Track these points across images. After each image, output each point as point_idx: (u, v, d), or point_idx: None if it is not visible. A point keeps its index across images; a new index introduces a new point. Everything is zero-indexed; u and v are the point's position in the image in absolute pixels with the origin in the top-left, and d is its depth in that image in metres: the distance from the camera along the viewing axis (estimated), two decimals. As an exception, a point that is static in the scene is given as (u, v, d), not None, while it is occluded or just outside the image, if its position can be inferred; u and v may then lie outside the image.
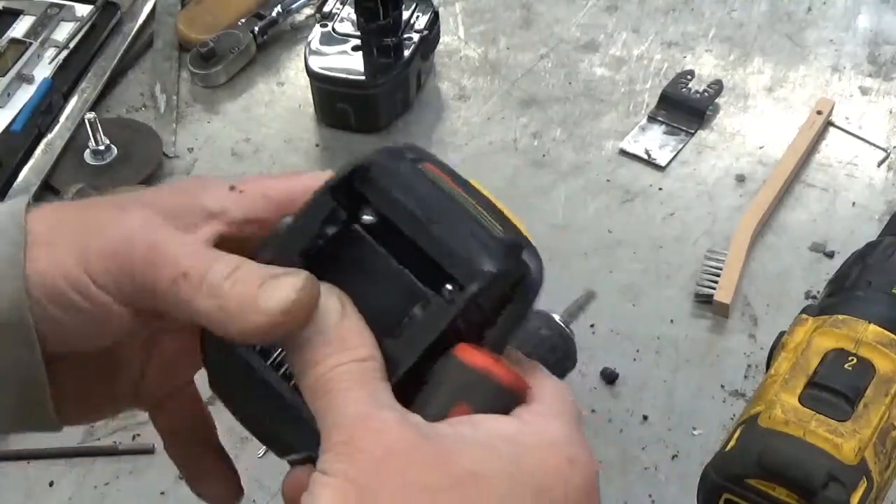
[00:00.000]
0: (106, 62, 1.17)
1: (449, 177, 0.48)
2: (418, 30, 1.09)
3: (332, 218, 0.45)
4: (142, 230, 0.44)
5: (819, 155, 1.06)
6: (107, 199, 0.47)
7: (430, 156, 0.49)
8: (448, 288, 0.44)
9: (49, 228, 0.45)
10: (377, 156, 0.47)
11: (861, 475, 0.61)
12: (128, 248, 0.44)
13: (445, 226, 0.46)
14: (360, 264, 0.46)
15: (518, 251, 0.47)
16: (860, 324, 0.67)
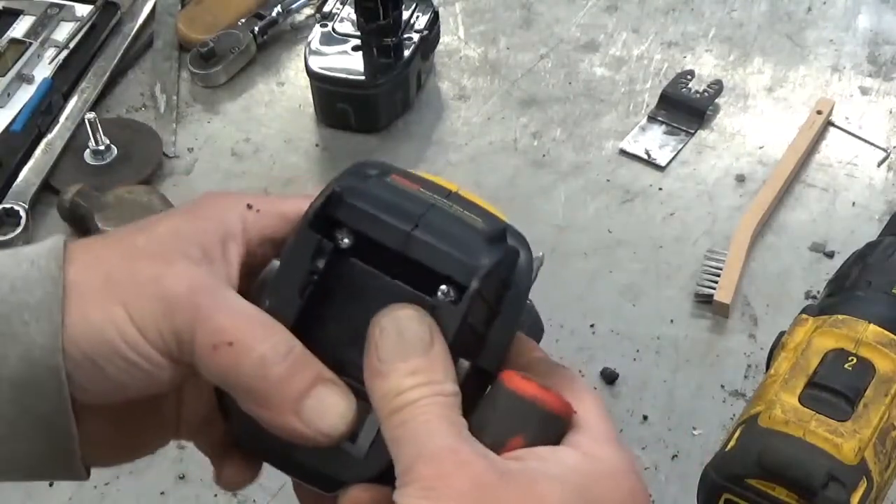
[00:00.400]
0: (106, 62, 1.17)
1: (417, 184, 0.48)
2: (418, 30, 1.09)
3: (319, 251, 0.46)
4: (188, 291, 0.44)
5: (819, 155, 1.06)
6: (145, 241, 0.46)
7: (395, 168, 0.49)
8: (443, 289, 0.45)
9: (91, 278, 0.45)
10: (345, 179, 0.48)
11: (861, 475, 0.61)
12: (175, 309, 0.44)
13: (427, 230, 0.46)
14: (356, 288, 0.46)
15: (503, 237, 0.48)
16: (860, 324, 0.66)
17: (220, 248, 0.46)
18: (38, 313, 0.44)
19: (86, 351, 0.44)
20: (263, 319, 0.44)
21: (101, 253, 0.46)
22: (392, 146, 1.09)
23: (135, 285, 0.44)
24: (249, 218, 0.48)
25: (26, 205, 1.02)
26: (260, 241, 0.48)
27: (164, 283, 0.44)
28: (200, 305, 0.44)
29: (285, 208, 0.49)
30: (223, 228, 0.47)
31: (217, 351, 0.43)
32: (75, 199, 1.00)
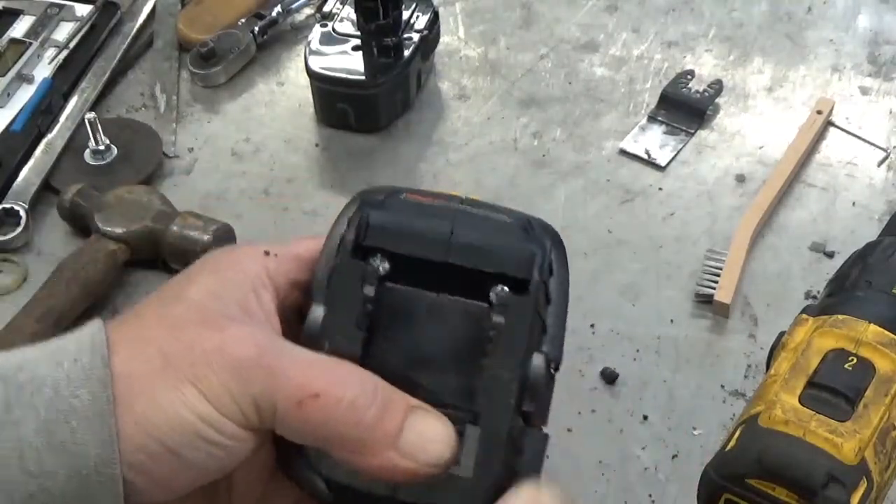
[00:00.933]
0: (106, 62, 1.17)
1: (429, 196, 0.48)
2: (418, 30, 1.09)
3: (366, 279, 0.45)
4: (257, 353, 0.42)
5: (819, 155, 1.06)
6: (185, 310, 0.44)
7: (401, 188, 0.49)
8: (498, 289, 0.44)
9: (146, 364, 0.42)
10: (364, 206, 0.47)
11: (861, 475, 0.60)
12: (248, 375, 0.42)
13: (464, 235, 0.45)
14: (404, 311, 0.45)
15: (532, 226, 0.48)
16: (860, 324, 0.66)
17: (255, 301, 0.45)
18: (88, 420, 0.41)
19: (163, 441, 0.41)
20: (339, 364, 0.43)
21: (146, 334, 0.44)
22: (392, 146, 1.09)
23: (197, 360, 0.42)
24: (271, 265, 0.47)
25: (26, 205, 1.02)
26: (286, 286, 0.47)
27: (230, 351, 0.42)
28: (273, 366, 0.42)
29: (298, 251, 0.48)
30: (251, 280, 0.46)
31: (303, 407, 0.41)
32: (75, 199, 1.00)
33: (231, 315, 0.44)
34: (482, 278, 0.44)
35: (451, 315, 0.45)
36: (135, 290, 0.97)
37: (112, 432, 0.41)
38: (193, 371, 0.42)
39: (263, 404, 0.42)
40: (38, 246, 1.02)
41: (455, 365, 0.45)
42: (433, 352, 0.45)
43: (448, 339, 0.45)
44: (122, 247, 0.96)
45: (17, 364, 0.42)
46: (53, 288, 0.92)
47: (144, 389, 0.42)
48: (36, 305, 0.91)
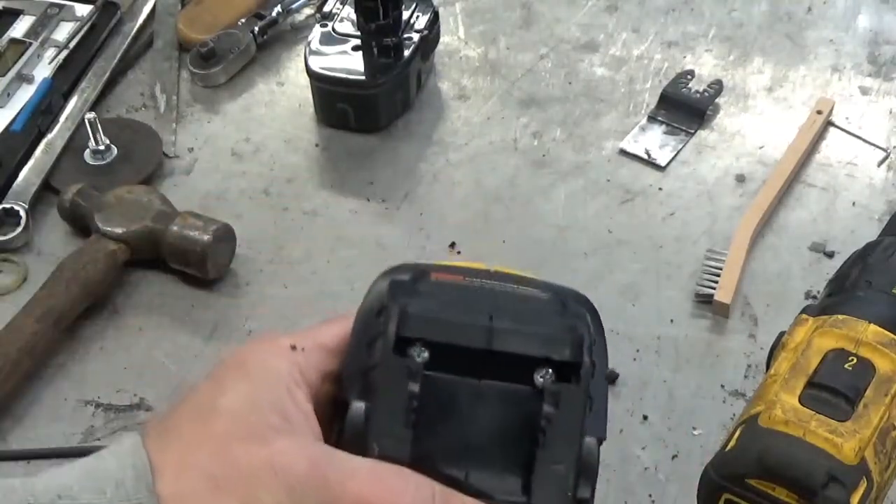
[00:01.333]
0: (106, 62, 1.17)
1: (458, 274, 0.47)
2: (418, 30, 1.09)
3: (413, 374, 0.44)
4: (309, 466, 0.41)
5: (819, 155, 1.06)
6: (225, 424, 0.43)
7: (426, 265, 0.48)
8: (543, 373, 0.43)
9: (193, 486, 0.41)
10: (396, 293, 0.45)
11: (861, 475, 0.60)
12: (303, 491, 0.41)
13: (504, 319, 0.44)
14: (449, 402, 0.44)
15: (569, 301, 0.47)
16: (860, 324, 0.66)
17: (292, 403, 0.44)
18: None
19: None
20: (393, 471, 0.42)
21: (186, 451, 0.42)
22: (392, 146, 1.09)
23: (247, 479, 0.41)
24: (300, 360, 0.46)
25: (26, 205, 1.02)
26: (318, 380, 0.46)
27: (280, 467, 0.41)
28: (327, 478, 0.41)
29: (324, 340, 0.47)
30: (284, 382, 0.44)
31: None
32: (75, 199, 1.00)
33: (272, 424, 0.43)
34: (526, 361, 0.44)
35: (495, 402, 0.44)
36: (135, 289, 0.97)
37: None
38: (244, 491, 0.41)
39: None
40: (38, 246, 1.02)
41: (504, 457, 0.44)
42: (481, 442, 0.44)
43: (495, 427, 0.44)
44: (122, 247, 0.96)
45: (56, 492, 0.41)
46: (53, 288, 0.92)
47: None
48: (36, 305, 0.91)
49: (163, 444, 0.43)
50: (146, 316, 0.95)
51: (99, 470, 0.42)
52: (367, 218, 1.02)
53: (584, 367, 0.44)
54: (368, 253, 0.99)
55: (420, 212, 1.03)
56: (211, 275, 0.96)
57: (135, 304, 0.96)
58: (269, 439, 0.42)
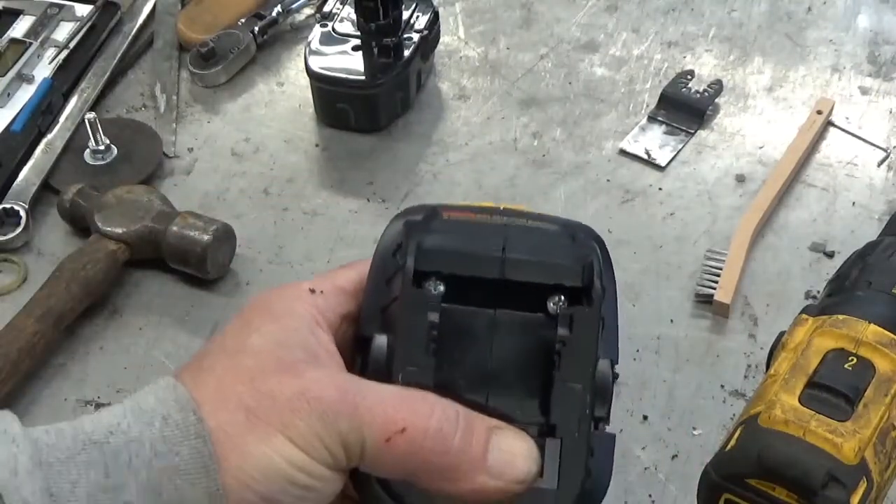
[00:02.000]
0: (106, 62, 1.17)
1: (468, 212, 0.49)
2: (418, 30, 1.09)
3: (430, 306, 0.45)
4: (340, 395, 0.43)
5: (819, 155, 1.06)
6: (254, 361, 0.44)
7: (437, 205, 0.50)
8: (556, 299, 0.45)
9: (230, 417, 0.42)
10: (410, 231, 0.47)
11: (861, 475, 0.60)
12: (335, 418, 0.42)
13: (516, 250, 0.46)
14: (466, 331, 0.46)
15: (577, 232, 0.48)
16: (860, 324, 0.66)
17: (316, 342, 0.46)
18: (193, 476, 0.41)
19: (259, 491, 0.42)
20: (419, 395, 0.43)
21: (225, 388, 0.44)
22: (392, 146, 1.09)
23: (281, 409, 0.42)
24: (319, 302, 0.48)
25: (26, 205, 1.02)
26: (337, 321, 0.48)
27: (313, 395, 0.43)
28: (357, 404, 0.42)
29: (342, 283, 0.49)
30: (306, 322, 0.46)
31: (392, 442, 0.42)
32: (75, 199, 1.00)
33: (301, 358, 0.44)
34: (538, 290, 0.45)
35: (511, 329, 0.45)
36: (135, 289, 0.98)
37: (219, 485, 0.41)
38: (280, 420, 0.42)
39: (352, 444, 0.42)
40: (38, 246, 1.02)
41: (523, 380, 0.45)
42: (499, 369, 0.45)
43: (513, 353, 0.45)
44: (122, 247, 0.96)
45: (106, 429, 0.42)
46: (53, 288, 0.92)
47: (235, 444, 0.42)
48: (36, 305, 0.91)
49: (197, 381, 0.44)
50: (146, 316, 0.95)
51: (142, 407, 0.43)
52: (367, 218, 1.02)
53: (595, 291, 0.46)
54: (368, 253, 0.98)
55: (420, 212, 1.03)
56: (211, 275, 0.96)
57: (135, 304, 0.96)
58: (299, 371, 0.44)
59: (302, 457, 0.42)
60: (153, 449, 0.41)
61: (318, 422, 0.42)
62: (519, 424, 0.44)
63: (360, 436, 0.42)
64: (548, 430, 0.45)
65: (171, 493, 0.41)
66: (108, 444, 0.42)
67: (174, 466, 0.41)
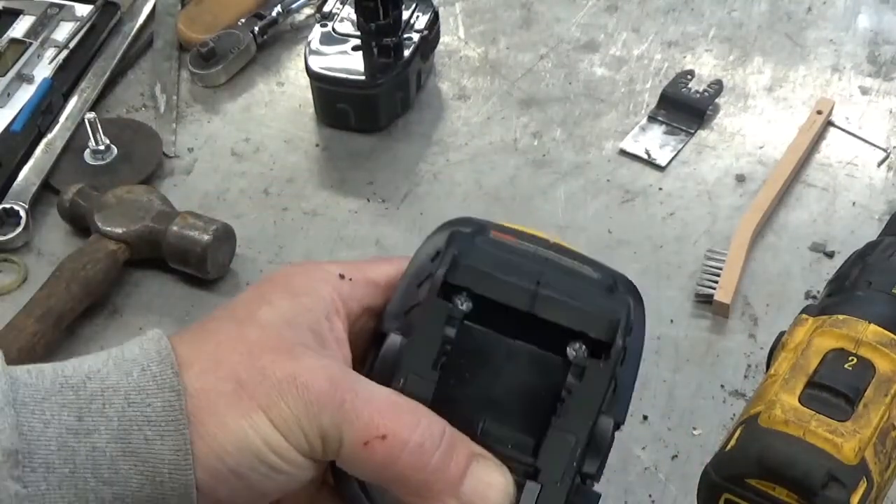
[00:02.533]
0: (106, 62, 1.17)
1: (516, 237, 0.48)
2: (418, 30, 1.09)
3: (449, 319, 0.45)
4: (329, 387, 0.42)
5: (819, 155, 1.06)
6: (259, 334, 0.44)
7: (489, 223, 0.49)
8: (576, 346, 0.44)
9: (219, 384, 0.42)
10: (453, 241, 0.47)
11: (861, 475, 0.60)
12: (319, 409, 0.42)
13: (551, 287, 0.45)
14: (480, 354, 0.45)
15: (618, 284, 0.47)
16: (860, 324, 0.66)
17: (328, 328, 0.45)
18: (162, 428, 0.41)
19: (228, 462, 0.42)
20: (409, 405, 0.43)
21: (221, 354, 0.44)
22: (392, 146, 1.09)
23: (270, 388, 0.42)
24: (345, 289, 0.47)
25: (26, 205, 1.02)
26: (358, 311, 0.47)
27: (303, 382, 0.42)
28: (344, 401, 0.42)
29: (374, 275, 0.48)
30: (323, 304, 0.46)
31: (370, 446, 0.42)
32: (75, 199, 1.00)
33: (305, 343, 0.44)
34: (562, 332, 0.44)
35: (525, 363, 0.45)
36: (135, 289, 0.98)
37: (187, 440, 0.41)
38: (266, 398, 0.42)
39: (330, 437, 0.42)
40: (38, 246, 1.02)
41: (523, 415, 0.45)
42: (503, 398, 0.44)
43: (520, 387, 0.45)
44: (122, 247, 0.96)
45: (84, 373, 0.43)
46: (53, 288, 0.92)
47: (216, 410, 0.42)
48: (36, 305, 0.91)
49: (197, 342, 0.44)
50: (146, 316, 0.95)
51: (124, 356, 0.43)
52: (367, 218, 1.02)
53: (614, 348, 0.44)
54: (368, 253, 0.99)
55: (420, 212, 1.03)
56: (211, 275, 0.96)
57: (135, 304, 0.96)
58: (298, 355, 0.43)
59: (279, 439, 0.42)
60: (127, 398, 0.41)
61: (302, 409, 0.42)
62: (505, 458, 0.44)
63: (340, 432, 0.42)
64: (532, 473, 0.44)
65: (139, 443, 0.41)
66: (85, 389, 0.42)
67: (145, 416, 0.41)
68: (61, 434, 0.41)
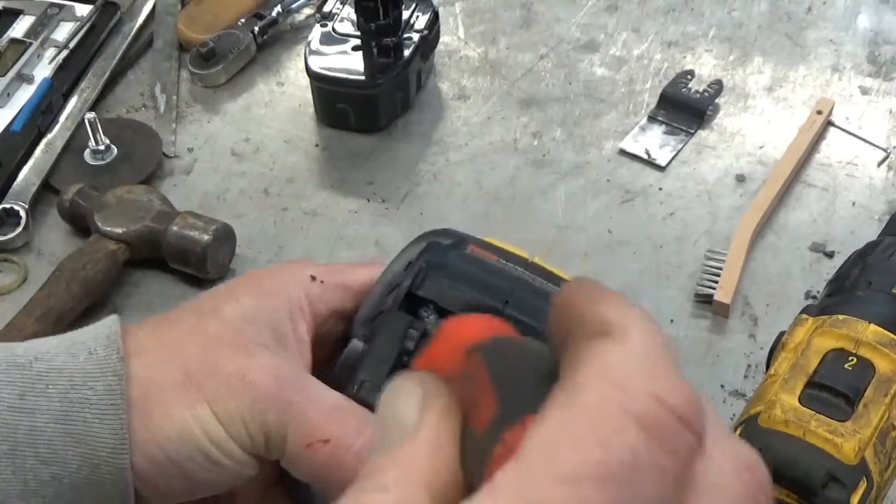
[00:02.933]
0: (106, 62, 1.17)
1: (494, 254, 0.48)
2: (418, 30, 1.09)
3: (411, 332, 0.45)
4: (276, 386, 0.42)
5: (819, 155, 1.06)
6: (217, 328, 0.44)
7: (469, 237, 0.49)
8: None
9: (169, 373, 0.42)
10: (425, 254, 0.47)
11: (861, 475, 0.60)
12: (264, 407, 0.42)
13: (518, 307, 0.45)
14: None
15: None
16: (860, 324, 0.66)
17: (290, 327, 0.45)
18: (102, 411, 0.41)
19: (168, 451, 0.42)
20: (356, 411, 0.43)
21: (173, 343, 0.44)
22: (392, 146, 1.09)
23: (218, 382, 0.42)
24: (314, 291, 0.47)
25: (26, 205, 1.02)
26: (326, 314, 0.47)
27: (251, 379, 0.42)
28: (291, 402, 0.42)
29: (347, 280, 0.48)
30: (290, 305, 0.46)
31: (311, 449, 0.42)
32: (75, 199, 1.00)
33: (263, 341, 0.44)
34: None
35: None
36: (135, 289, 0.97)
37: (124, 424, 0.41)
38: (213, 391, 0.42)
39: (274, 436, 0.42)
40: (38, 246, 1.02)
41: None
42: None
43: None
44: (122, 247, 0.96)
45: (33, 354, 0.43)
46: (53, 288, 0.92)
47: (162, 399, 0.42)
48: (36, 305, 0.91)
49: (156, 331, 0.45)
50: (146, 316, 0.95)
51: (75, 339, 0.44)
52: (367, 218, 1.02)
53: None
54: (368, 253, 0.99)
55: (420, 212, 1.03)
56: (211, 275, 0.96)
57: (135, 304, 0.96)
58: (252, 352, 0.43)
59: (221, 433, 0.42)
60: (71, 380, 0.42)
61: (247, 405, 0.42)
62: None
63: (284, 432, 0.42)
64: None
65: (79, 425, 0.41)
66: (30, 369, 0.42)
67: (86, 399, 0.41)
68: (2, 412, 0.41)
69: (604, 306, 0.27)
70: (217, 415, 0.42)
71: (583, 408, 0.25)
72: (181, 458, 0.42)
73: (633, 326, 0.27)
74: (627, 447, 0.25)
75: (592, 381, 0.26)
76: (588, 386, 0.26)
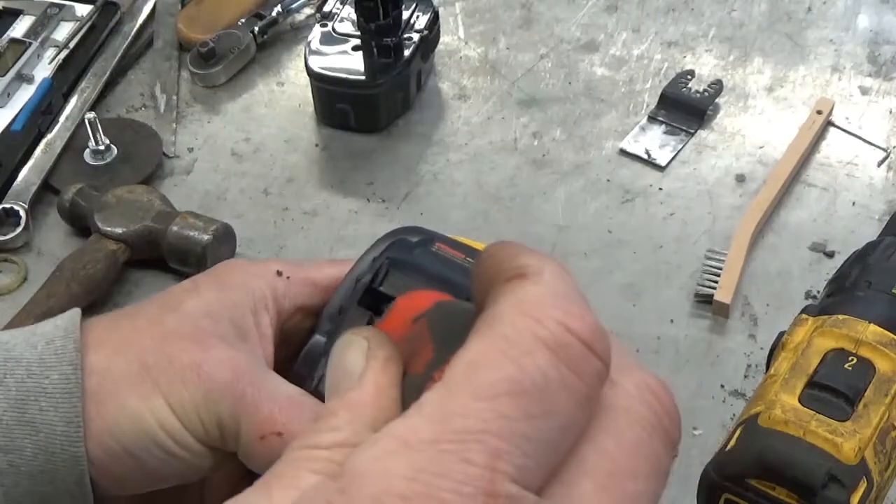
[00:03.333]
0: (106, 62, 1.17)
1: (461, 252, 0.48)
2: (418, 30, 1.09)
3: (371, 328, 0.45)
4: (231, 378, 0.43)
5: (819, 155, 1.06)
6: (176, 322, 0.44)
7: (437, 235, 0.49)
8: None
9: (125, 364, 0.43)
10: (390, 250, 0.47)
11: (861, 475, 0.60)
12: (218, 398, 0.42)
13: None
14: None
15: None
16: (860, 324, 0.66)
17: (252, 321, 0.45)
18: (57, 400, 0.42)
19: (122, 441, 0.42)
20: (311, 404, 0.43)
21: (132, 336, 0.44)
22: (392, 146, 1.09)
23: (173, 373, 0.43)
24: (280, 286, 0.47)
25: (26, 205, 1.02)
26: (292, 311, 0.47)
27: (205, 371, 0.43)
28: (245, 394, 0.42)
29: (315, 276, 0.48)
30: (253, 299, 0.46)
31: (265, 441, 0.42)
32: (75, 199, 1.00)
33: (222, 335, 0.44)
34: None
35: None
36: (135, 289, 0.98)
37: (78, 413, 0.42)
38: (168, 383, 0.43)
39: (228, 428, 0.42)
40: (38, 246, 1.02)
41: None
42: None
43: None
44: (122, 247, 0.96)
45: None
46: (53, 288, 0.92)
47: (118, 390, 0.42)
48: (36, 305, 0.91)
49: (117, 324, 0.45)
50: (146, 316, 0.95)
51: (35, 331, 0.44)
52: (367, 218, 1.02)
53: None
54: (368, 253, 0.99)
55: (420, 212, 1.03)
56: (211, 275, 0.96)
57: (135, 302, 0.96)
58: (209, 345, 0.44)
59: (175, 424, 0.42)
60: (28, 369, 0.42)
61: (202, 397, 0.42)
62: None
63: (238, 424, 0.42)
64: None
65: (34, 413, 0.41)
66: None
67: (42, 388, 0.42)
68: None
69: (522, 256, 0.31)
70: (172, 406, 0.42)
71: (499, 336, 0.29)
72: (136, 448, 0.42)
73: (546, 268, 0.31)
74: (538, 367, 0.29)
75: (508, 312, 0.30)
76: (504, 316, 0.30)
